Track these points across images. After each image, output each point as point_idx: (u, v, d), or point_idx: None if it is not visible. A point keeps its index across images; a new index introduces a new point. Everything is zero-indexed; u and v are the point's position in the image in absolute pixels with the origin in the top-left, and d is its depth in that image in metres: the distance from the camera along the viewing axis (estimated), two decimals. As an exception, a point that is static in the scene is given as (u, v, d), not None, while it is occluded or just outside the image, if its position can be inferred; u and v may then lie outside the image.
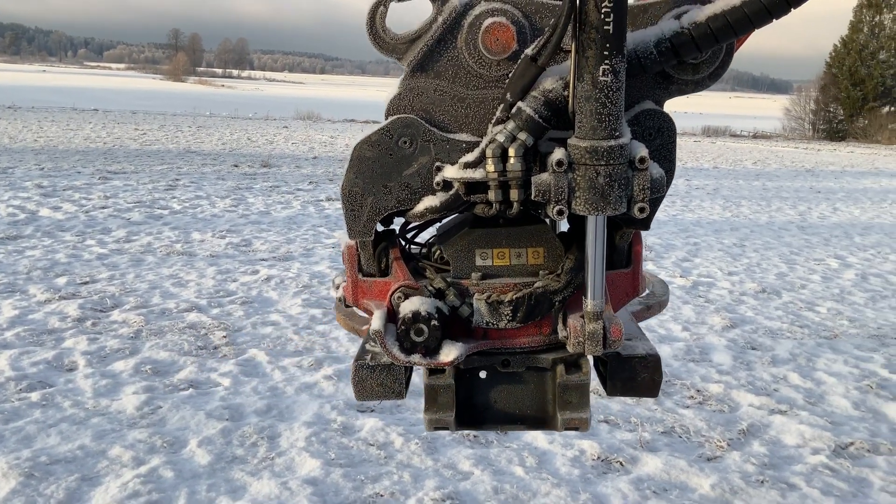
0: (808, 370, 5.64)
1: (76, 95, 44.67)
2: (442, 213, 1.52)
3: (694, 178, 19.03)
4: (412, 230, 1.75)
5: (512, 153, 1.40)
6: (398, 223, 1.81)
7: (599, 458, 4.11)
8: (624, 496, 3.74)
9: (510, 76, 1.43)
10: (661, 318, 6.54)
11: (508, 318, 1.55)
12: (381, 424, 4.32)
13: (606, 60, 1.28)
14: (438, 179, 1.50)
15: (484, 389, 1.71)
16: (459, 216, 1.66)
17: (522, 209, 1.48)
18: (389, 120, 1.52)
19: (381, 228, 1.70)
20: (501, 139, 1.40)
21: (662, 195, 1.43)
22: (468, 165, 1.44)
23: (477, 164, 1.44)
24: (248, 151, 19.00)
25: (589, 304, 1.50)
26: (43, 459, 3.74)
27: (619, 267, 1.72)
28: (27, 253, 7.69)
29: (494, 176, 1.41)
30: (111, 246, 8.15)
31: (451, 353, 1.53)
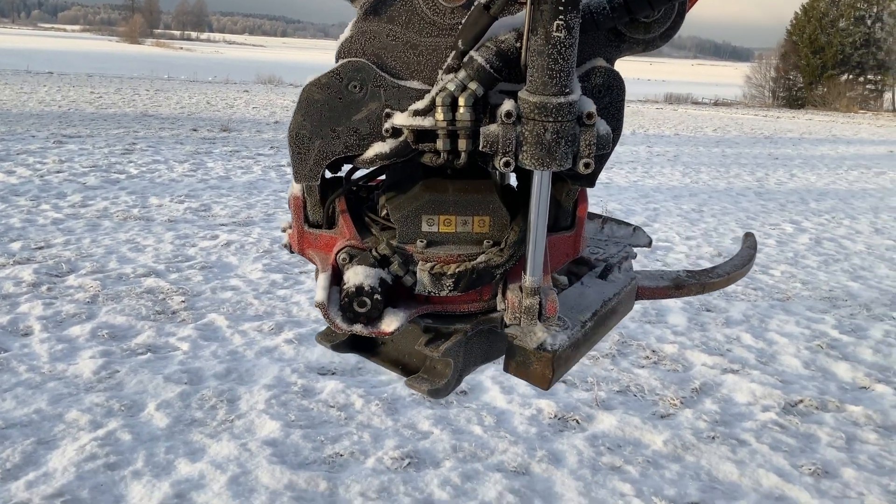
0: (760, 331, 5.78)
1: (30, 58, 43.32)
2: (391, 160, 1.51)
3: (655, 144, 19.18)
4: (361, 179, 1.74)
5: (462, 103, 1.39)
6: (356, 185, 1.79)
7: (556, 416, 4.19)
8: (579, 453, 3.83)
9: (462, 23, 1.42)
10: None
11: (450, 288, 1.57)
12: (341, 386, 4.34)
13: (561, 16, 1.27)
14: (388, 126, 1.48)
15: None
16: (408, 172, 1.66)
17: (470, 161, 1.49)
18: (340, 63, 1.50)
19: (329, 175, 1.69)
20: (452, 88, 1.40)
21: (608, 152, 1.44)
22: (418, 113, 1.44)
23: (426, 112, 1.43)
24: (207, 115, 18.68)
25: (528, 279, 1.52)
26: (-2, 424, 3.71)
27: (563, 228, 1.74)
28: (-21, 218, 7.52)
29: (443, 125, 1.41)
30: (66, 211, 8.00)
31: (392, 323, 1.56)
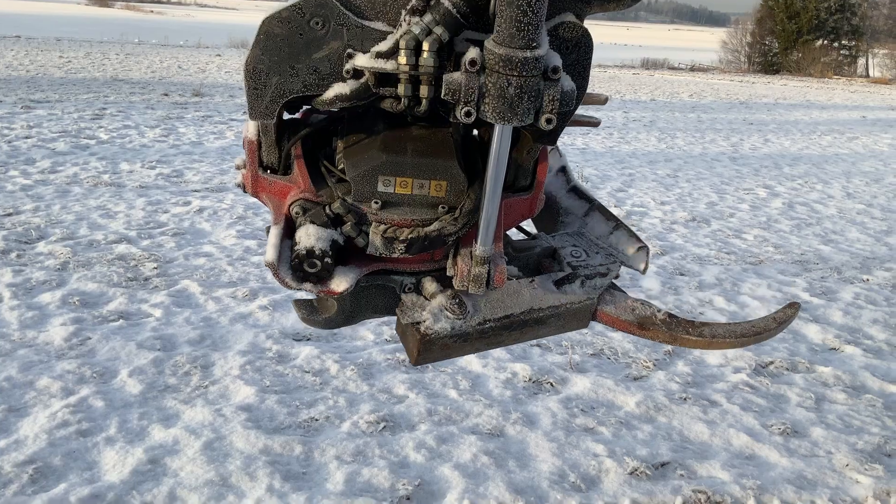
0: (732, 294, 5.84)
1: (-6, 21, 42.23)
2: (350, 102, 1.46)
3: (631, 110, 19.17)
4: (319, 123, 1.69)
5: (426, 47, 1.35)
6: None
7: (531, 379, 4.22)
8: (553, 415, 3.86)
9: None
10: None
11: (401, 251, 1.56)
12: (316, 352, 4.34)
13: None
14: (349, 67, 1.44)
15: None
16: (368, 120, 1.62)
17: (431, 109, 1.45)
18: None
19: (287, 117, 1.65)
20: (416, 31, 1.35)
21: (571, 109, 1.41)
22: (380, 55, 1.39)
23: (389, 55, 1.39)
24: (178, 80, 18.36)
25: (478, 249, 1.52)
26: (-33, 392, 3.66)
27: (521, 188, 1.72)
28: (-56, 184, 7.37)
29: (406, 69, 1.37)
30: (36, 177, 7.86)
31: (341, 283, 1.56)
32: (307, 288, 1.54)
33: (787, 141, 15.47)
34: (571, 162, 10.94)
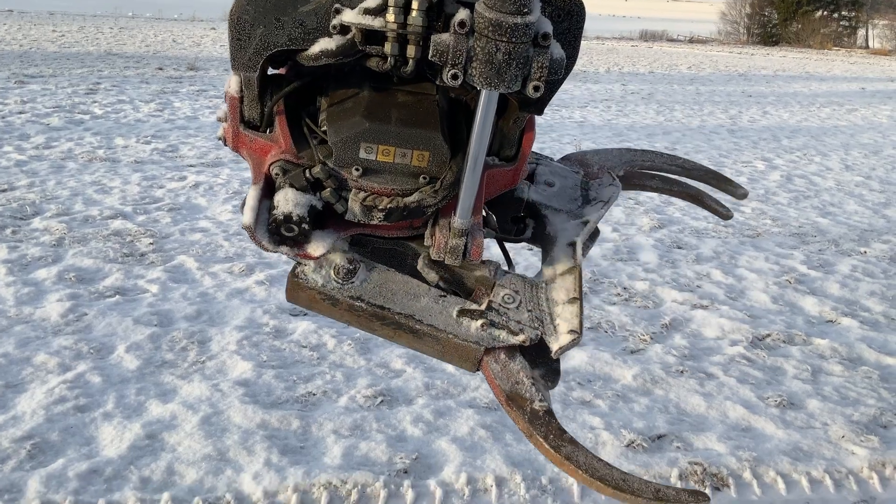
0: (730, 267, 5.84)
1: (-15, -6, 41.76)
2: (336, 59, 1.42)
3: (630, 82, 19.06)
4: (303, 80, 1.66)
5: (415, 6, 1.32)
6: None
7: (528, 353, 4.22)
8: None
9: None
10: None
11: (380, 219, 1.54)
12: (313, 327, 4.33)
13: None
14: (335, 23, 1.40)
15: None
16: (353, 79, 1.59)
17: (417, 70, 1.41)
18: None
19: (271, 72, 1.62)
20: None
21: (560, 79, 1.38)
22: (368, 12, 1.36)
23: (378, 12, 1.35)
24: (173, 54, 18.21)
25: (456, 221, 1.50)
26: (-37, 368, 3.66)
27: (505, 158, 1.70)
28: (-62, 160, 7.32)
29: (394, 27, 1.33)
30: (30, 152, 7.81)
31: (319, 247, 1.55)
32: (284, 251, 1.54)
33: (785, 113, 15.40)
34: (569, 136, 10.90)
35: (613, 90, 17.10)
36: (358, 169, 1.52)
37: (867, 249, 6.50)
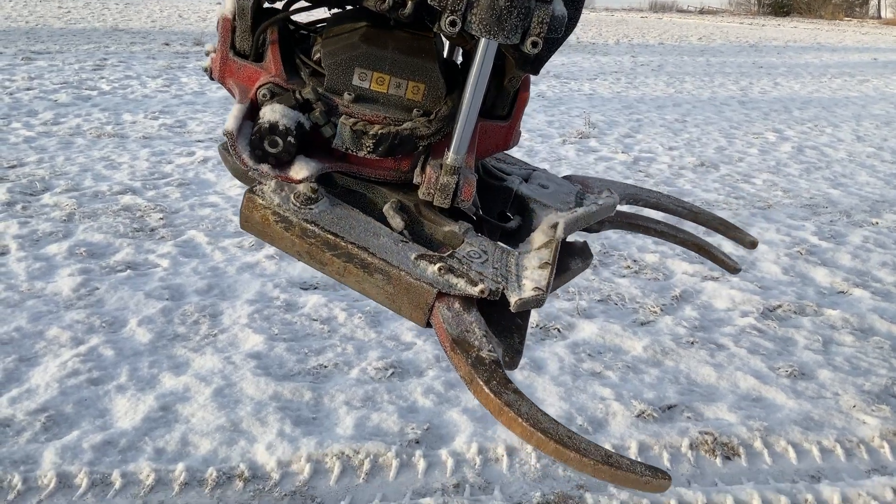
0: (741, 239, 5.80)
1: (-10, -29, 41.52)
2: None
3: (640, 54, 18.88)
4: (298, 9, 1.61)
5: None
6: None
7: (538, 325, 4.23)
8: (560, 360, 3.87)
9: None
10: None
11: (370, 149, 1.48)
12: (324, 300, 4.34)
13: None
14: None
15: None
16: (351, 17, 1.55)
17: (416, 16, 1.37)
18: None
19: (267, 5, 1.58)
20: None
21: (559, 37, 1.34)
22: None
23: None
24: (179, 29, 18.12)
25: (449, 156, 1.44)
26: (-22, 342, 3.69)
27: (498, 116, 1.66)
28: (-53, 137, 7.33)
29: None
30: (38, 129, 7.81)
31: (301, 171, 1.46)
32: (264, 170, 1.44)
33: (796, 84, 15.24)
34: (578, 108, 10.82)
35: (623, 62, 16.94)
36: (350, 94, 1.47)
37: (879, 220, 6.46)
